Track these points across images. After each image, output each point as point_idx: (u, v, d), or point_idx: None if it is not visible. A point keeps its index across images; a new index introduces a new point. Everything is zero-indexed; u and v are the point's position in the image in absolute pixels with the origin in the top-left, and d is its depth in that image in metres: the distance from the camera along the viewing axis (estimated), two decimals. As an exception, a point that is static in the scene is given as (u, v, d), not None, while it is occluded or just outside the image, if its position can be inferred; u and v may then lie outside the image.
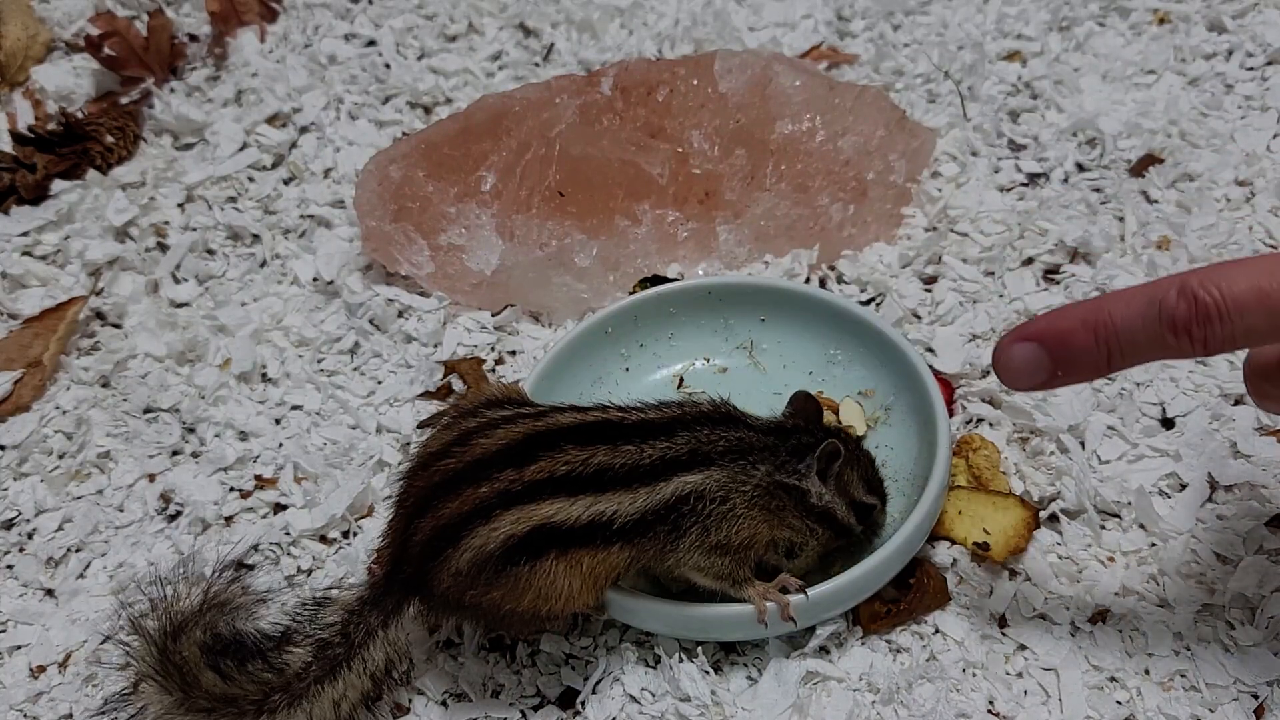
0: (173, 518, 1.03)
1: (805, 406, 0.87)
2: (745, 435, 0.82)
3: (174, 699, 0.77)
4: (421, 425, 1.05)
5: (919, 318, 1.08)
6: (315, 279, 1.22)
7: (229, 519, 1.01)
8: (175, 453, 1.08)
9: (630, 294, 1.08)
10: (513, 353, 1.13)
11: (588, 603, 0.80)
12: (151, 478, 1.06)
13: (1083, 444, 0.95)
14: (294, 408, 1.10)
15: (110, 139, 1.40)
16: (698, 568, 0.81)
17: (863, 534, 0.86)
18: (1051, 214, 1.15)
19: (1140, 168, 1.18)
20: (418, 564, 0.79)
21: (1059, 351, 0.69)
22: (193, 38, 1.60)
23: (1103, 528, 0.89)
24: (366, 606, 0.81)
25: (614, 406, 0.84)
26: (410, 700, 0.86)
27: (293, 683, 0.78)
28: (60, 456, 1.09)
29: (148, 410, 1.12)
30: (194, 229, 1.30)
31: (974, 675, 0.82)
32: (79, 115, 1.44)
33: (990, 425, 0.98)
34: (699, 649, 0.85)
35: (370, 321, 1.16)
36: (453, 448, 0.81)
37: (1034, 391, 0.77)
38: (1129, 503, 0.90)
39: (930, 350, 1.04)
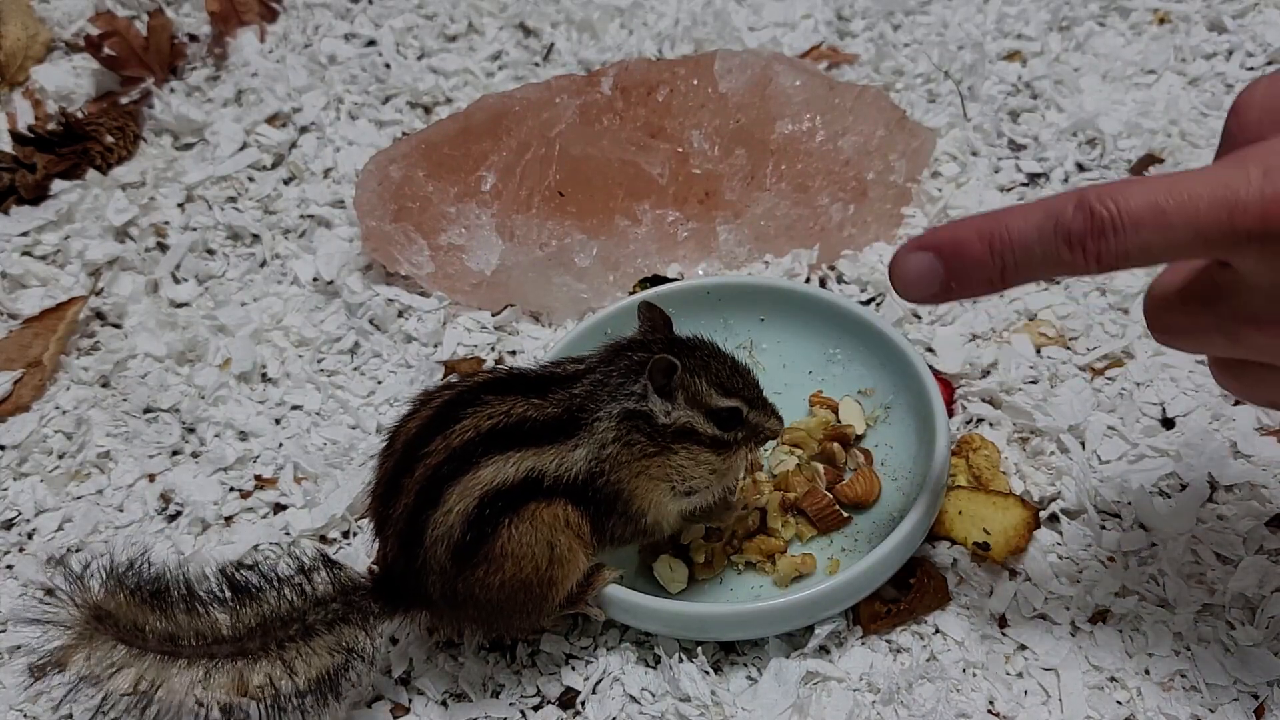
0: (173, 518, 1.03)
1: (651, 315, 0.84)
2: (588, 383, 0.80)
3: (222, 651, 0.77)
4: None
5: (919, 318, 1.08)
6: (315, 279, 1.22)
7: (229, 519, 1.01)
8: (175, 453, 1.09)
9: (630, 294, 1.08)
10: (513, 353, 1.13)
11: (570, 555, 0.79)
12: (151, 478, 1.06)
13: (1083, 444, 0.95)
14: (294, 408, 1.10)
15: (110, 139, 1.40)
16: (625, 539, 0.83)
17: (745, 441, 0.83)
18: (1051, 214, 1.15)
19: (1140, 168, 1.18)
20: (406, 579, 0.80)
21: (953, 262, 0.68)
22: (193, 38, 1.60)
23: (1103, 528, 0.89)
24: (372, 595, 0.82)
25: (520, 368, 0.85)
26: (410, 700, 0.86)
27: (307, 613, 0.79)
28: (60, 456, 1.09)
29: (148, 410, 1.12)
30: (194, 229, 1.30)
31: (974, 675, 0.82)
32: (79, 115, 1.44)
33: (990, 425, 0.98)
34: (699, 649, 0.85)
35: (370, 321, 1.16)
36: (385, 455, 0.82)
37: (928, 304, 0.74)
38: (1129, 503, 0.90)
39: (930, 350, 1.04)
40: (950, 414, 0.98)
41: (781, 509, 0.92)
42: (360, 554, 0.95)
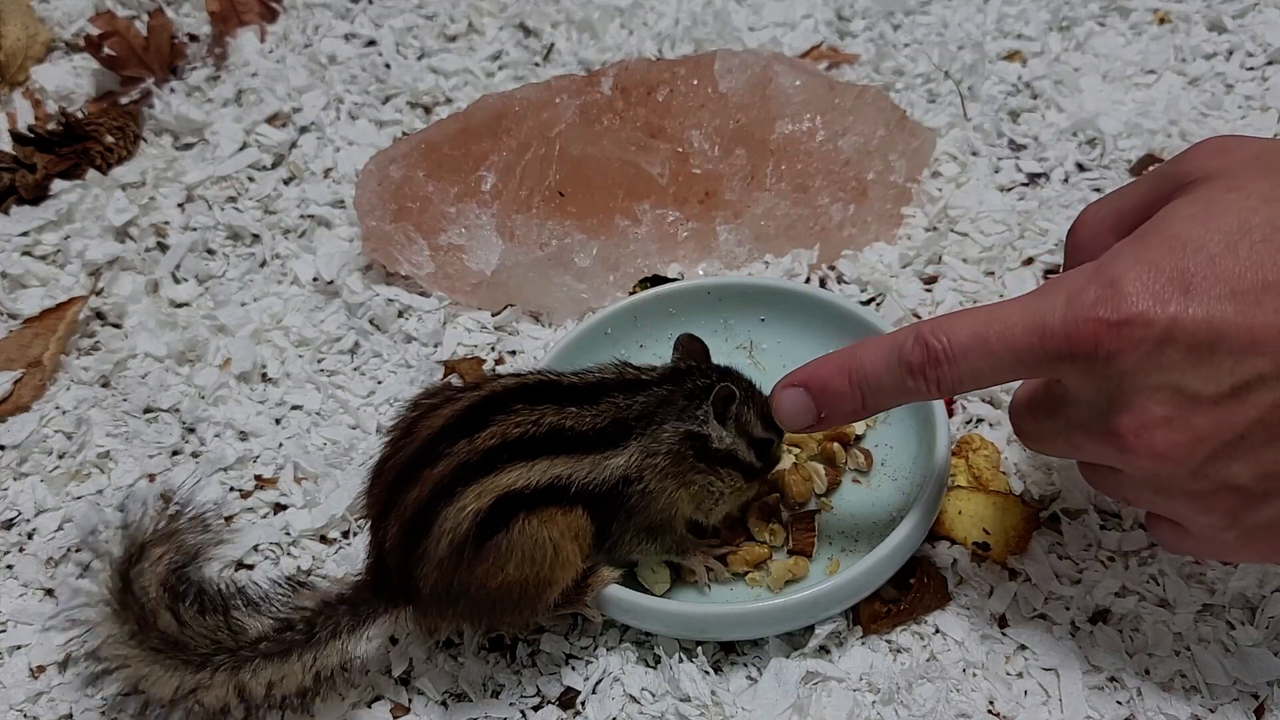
0: (173, 518, 1.02)
1: (691, 347, 0.88)
2: (648, 397, 0.83)
3: (128, 629, 0.78)
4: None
5: (919, 318, 1.08)
6: (315, 279, 1.22)
7: (229, 519, 1.01)
8: (175, 453, 1.08)
9: (630, 294, 1.08)
10: (513, 353, 1.13)
11: (571, 561, 0.80)
12: (151, 478, 1.06)
13: (1083, 444, 0.95)
14: (294, 408, 1.10)
15: (110, 139, 1.40)
16: (640, 551, 0.86)
17: (763, 471, 0.88)
18: (1052, 214, 1.15)
19: (1140, 168, 1.18)
20: (400, 569, 0.79)
21: (820, 396, 0.77)
22: (193, 38, 1.60)
23: (1103, 528, 0.89)
24: (342, 607, 0.81)
25: (549, 371, 0.87)
26: (410, 700, 0.86)
27: (242, 649, 0.79)
28: (60, 456, 1.09)
29: (148, 410, 1.12)
30: (194, 229, 1.30)
31: (974, 675, 0.82)
32: (79, 115, 1.44)
33: (990, 425, 0.98)
34: (699, 649, 0.85)
35: (370, 321, 1.16)
36: (400, 443, 0.82)
37: (808, 434, 0.84)
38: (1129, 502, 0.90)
39: (930, 350, 1.04)
40: (950, 414, 0.98)
41: (761, 517, 0.92)
42: (360, 554, 0.95)
